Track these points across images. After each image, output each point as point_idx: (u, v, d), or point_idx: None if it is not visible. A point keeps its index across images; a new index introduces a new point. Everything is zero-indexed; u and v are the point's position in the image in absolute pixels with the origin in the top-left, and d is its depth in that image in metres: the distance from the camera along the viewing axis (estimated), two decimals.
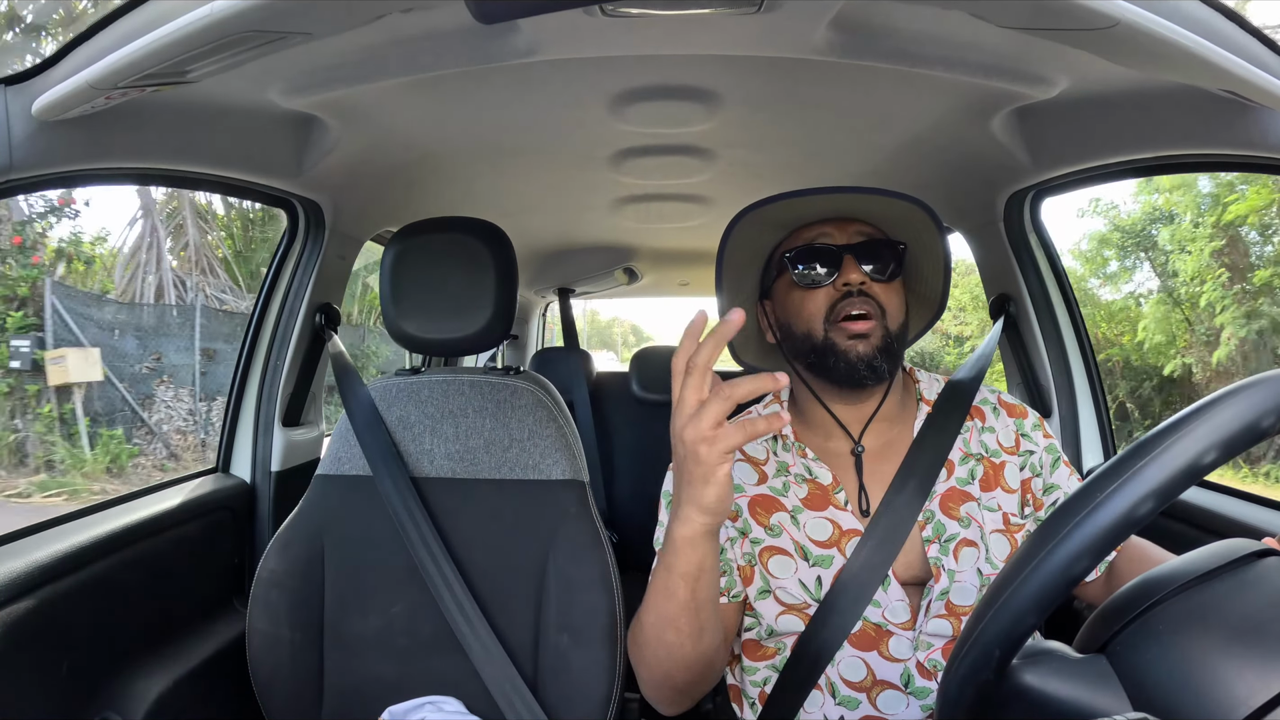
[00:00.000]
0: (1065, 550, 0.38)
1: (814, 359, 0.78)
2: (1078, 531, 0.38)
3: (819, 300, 0.77)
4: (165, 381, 7.24)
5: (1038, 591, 0.39)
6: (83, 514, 0.97)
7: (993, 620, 0.40)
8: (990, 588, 0.42)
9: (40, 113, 0.66)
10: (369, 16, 0.59)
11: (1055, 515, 0.40)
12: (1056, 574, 0.39)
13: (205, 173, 0.95)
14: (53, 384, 6.23)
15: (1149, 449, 0.38)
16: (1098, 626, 0.44)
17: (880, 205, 0.77)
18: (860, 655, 0.74)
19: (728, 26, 0.77)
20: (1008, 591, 0.40)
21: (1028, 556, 0.40)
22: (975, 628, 0.41)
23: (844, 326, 0.75)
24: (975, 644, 0.41)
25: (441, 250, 1.04)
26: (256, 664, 0.98)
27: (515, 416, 1.04)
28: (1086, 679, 0.41)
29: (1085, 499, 0.39)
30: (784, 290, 0.81)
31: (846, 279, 0.76)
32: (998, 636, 0.40)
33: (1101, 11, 0.51)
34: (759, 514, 0.80)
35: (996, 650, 0.40)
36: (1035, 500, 0.80)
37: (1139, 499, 0.37)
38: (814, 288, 0.77)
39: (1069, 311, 1.25)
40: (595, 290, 2.59)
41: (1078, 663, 0.42)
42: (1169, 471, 0.37)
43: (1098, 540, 0.38)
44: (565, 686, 0.93)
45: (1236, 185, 6.47)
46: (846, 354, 0.75)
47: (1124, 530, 0.37)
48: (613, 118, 1.05)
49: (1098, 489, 0.38)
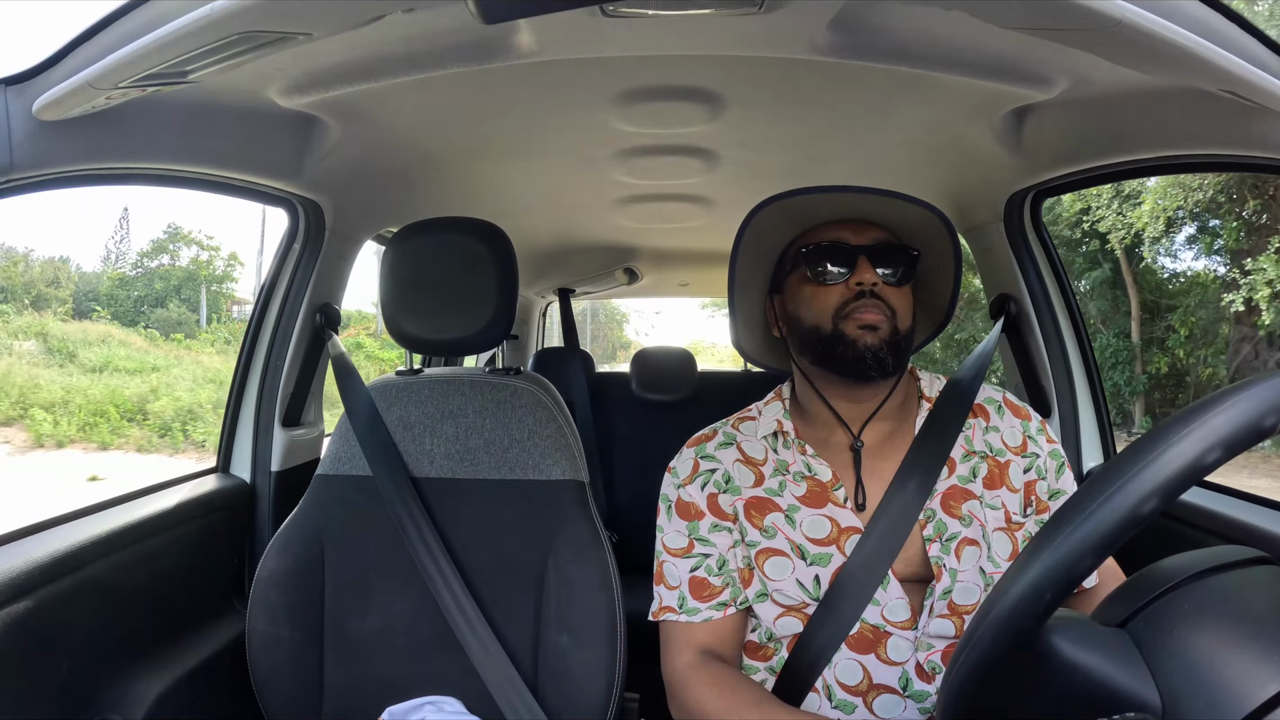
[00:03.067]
0: (1134, 488, 0.37)
1: (821, 350, 0.78)
2: (1146, 470, 0.37)
3: (831, 297, 0.77)
4: None
5: (1102, 530, 0.37)
6: (82, 514, 0.96)
7: (1048, 558, 0.39)
8: (1043, 530, 0.41)
9: (40, 113, 0.66)
10: (369, 16, 0.59)
11: (1121, 458, 0.39)
12: (1123, 512, 0.37)
13: (205, 173, 0.95)
14: None
15: (1219, 401, 0.37)
16: (1117, 603, 0.44)
17: (898, 211, 0.78)
18: (857, 658, 0.74)
19: (729, 27, 0.77)
20: (1066, 529, 0.39)
21: (1092, 495, 0.39)
22: (1024, 568, 0.40)
23: (855, 317, 0.76)
24: (1025, 584, 0.39)
25: (441, 250, 1.04)
26: (256, 664, 0.98)
27: (515, 416, 1.04)
28: (1111, 651, 0.41)
29: (1154, 443, 0.38)
30: (796, 285, 0.81)
31: (860, 279, 0.76)
32: (1051, 577, 0.38)
33: (1101, 11, 0.51)
34: (753, 516, 0.80)
35: (1048, 593, 0.39)
36: (1039, 503, 0.80)
37: (1207, 446, 0.36)
38: (828, 284, 0.78)
39: (1069, 311, 1.25)
40: (595, 290, 2.59)
41: (1105, 634, 0.42)
42: (1236, 424, 0.36)
43: (1166, 480, 0.36)
44: (565, 686, 0.93)
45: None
46: (855, 343, 0.75)
47: (1192, 475, 0.36)
48: (614, 118, 1.05)
49: (1167, 435, 0.37)
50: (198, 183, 0.98)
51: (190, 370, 11.64)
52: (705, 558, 0.81)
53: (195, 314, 16.58)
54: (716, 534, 0.81)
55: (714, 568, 0.80)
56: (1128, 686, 0.39)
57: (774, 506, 0.80)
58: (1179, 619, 0.40)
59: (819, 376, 0.81)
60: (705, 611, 0.80)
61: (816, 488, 0.80)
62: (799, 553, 0.77)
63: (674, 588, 0.82)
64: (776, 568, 0.77)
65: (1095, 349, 1.29)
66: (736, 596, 0.80)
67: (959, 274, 0.84)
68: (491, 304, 1.02)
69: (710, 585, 0.80)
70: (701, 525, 0.82)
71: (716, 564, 0.80)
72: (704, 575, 0.81)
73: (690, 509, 0.83)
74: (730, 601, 0.80)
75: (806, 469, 0.81)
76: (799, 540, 0.77)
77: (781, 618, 0.77)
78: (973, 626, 0.42)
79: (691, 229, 1.82)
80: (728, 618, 0.80)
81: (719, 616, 0.80)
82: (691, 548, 0.82)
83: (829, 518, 0.78)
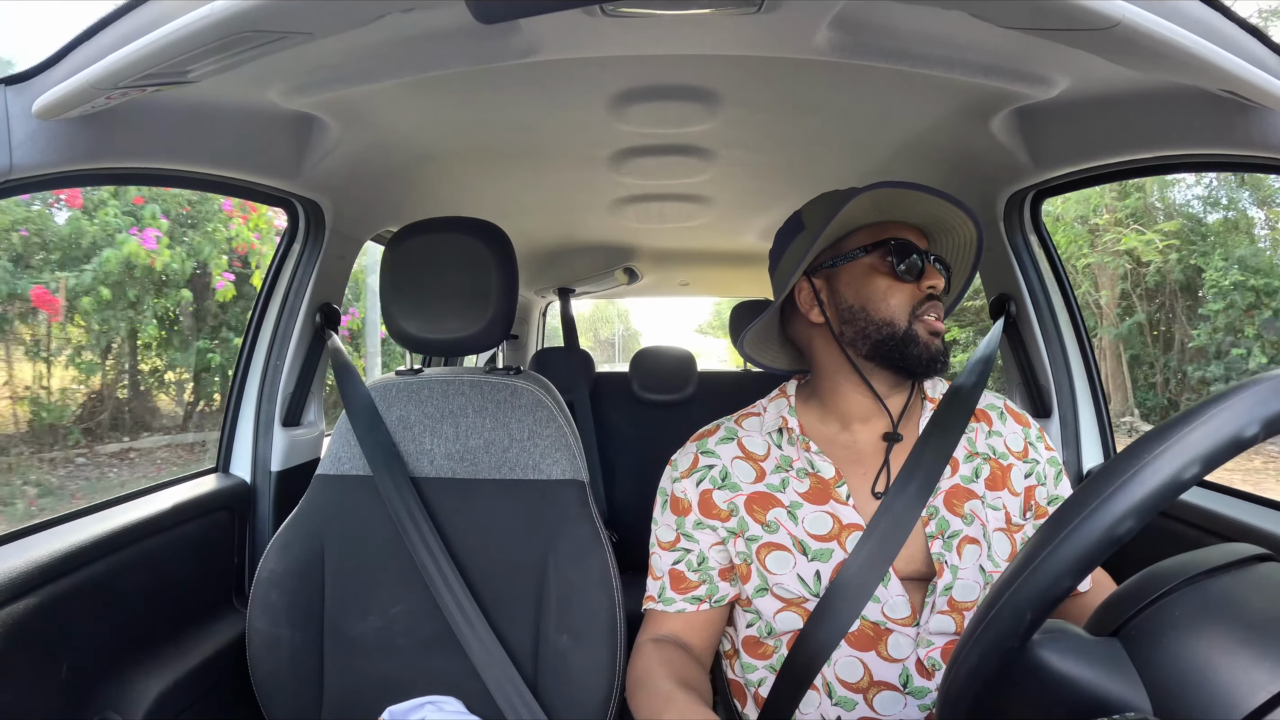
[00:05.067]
0: (1110, 509, 0.37)
1: (891, 345, 0.79)
2: (1124, 490, 0.37)
3: (907, 294, 0.80)
4: None
5: (1078, 551, 0.37)
6: (82, 514, 0.96)
7: (1027, 580, 0.39)
8: (1023, 550, 0.41)
9: (40, 113, 0.66)
10: (369, 16, 0.59)
11: (1098, 476, 0.39)
12: (1100, 532, 0.37)
13: (205, 173, 0.95)
14: None
15: (1196, 416, 0.37)
16: (1110, 611, 0.44)
17: (956, 224, 0.83)
18: (858, 655, 0.74)
19: (728, 26, 0.77)
20: (1045, 551, 0.39)
21: (1068, 516, 0.39)
22: (1006, 590, 0.40)
23: (927, 321, 0.80)
24: (1006, 605, 0.40)
25: (441, 250, 1.04)
26: (256, 664, 0.98)
27: (515, 416, 1.04)
28: (1102, 661, 0.41)
29: (1131, 460, 0.38)
30: (861, 274, 0.82)
31: (933, 283, 0.81)
32: (1031, 598, 0.39)
33: (1101, 12, 0.51)
34: (756, 511, 0.80)
35: (1029, 613, 0.39)
36: (1038, 508, 0.82)
37: (1185, 463, 0.36)
38: (904, 282, 0.80)
39: (1069, 311, 1.25)
40: (595, 290, 2.59)
41: (1094, 644, 0.42)
42: (1214, 439, 0.36)
43: (1144, 501, 0.36)
44: (565, 686, 0.93)
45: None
46: (929, 346, 0.79)
47: (1170, 492, 0.36)
48: (613, 118, 1.05)
49: (1143, 451, 0.37)
50: (198, 183, 0.98)
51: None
52: (686, 553, 0.83)
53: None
54: (700, 531, 0.82)
55: (693, 563, 0.82)
56: (1119, 696, 0.39)
57: (776, 502, 0.80)
58: (1169, 626, 0.40)
59: (871, 369, 0.82)
60: (680, 603, 0.82)
61: (819, 485, 0.80)
62: (800, 548, 0.77)
63: (658, 578, 0.85)
64: (777, 562, 0.77)
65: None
66: (713, 594, 0.82)
67: (970, 280, 0.90)
68: (491, 304, 1.02)
69: (687, 579, 0.83)
70: (687, 521, 0.83)
71: (696, 559, 0.82)
72: (683, 569, 0.83)
73: (681, 504, 0.84)
74: (705, 598, 0.82)
75: (810, 466, 0.81)
76: (801, 536, 0.78)
77: (781, 612, 0.77)
78: (960, 645, 0.43)
79: (691, 229, 1.82)
80: (701, 613, 0.82)
81: (692, 610, 0.82)
82: (677, 541, 0.84)
83: (831, 514, 0.78)
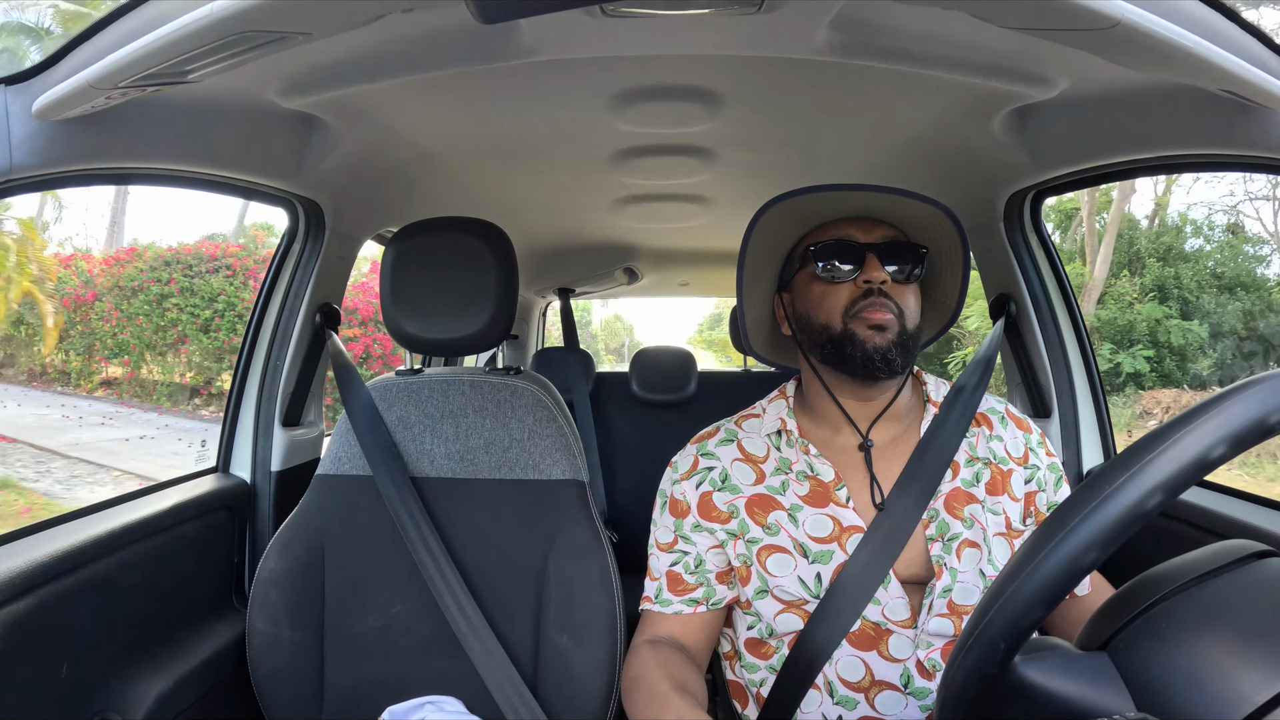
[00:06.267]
0: (1073, 541, 0.38)
1: (830, 349, 0.78)
2: (1085, 524, 0.38)
3: (840, 295, 0.78)
4: None
5: (1045, 583, 0.38)
6: (82, 513, 0.96)
7: (999, 613, 0.40)
8: (996, 581, 0.42)
9: (40, 112, 0.66)
10: (369, 16, 0.59)
11: (1062, 508, 0.40)
12: (1064, 565, 0.38)
13: (205, 173, 0.95)
14: None
15: (1156, 443, 0.37)
16: (1100, 624, 0.44)
17: (907, 209, 0.78)
18: (859, 655, 0.74)
19: (728, 26, 0.77)
20: (1014, 584, 0.39)
21: (1035, 549, 0.39)
22: (980, 620, 0.41)
23: (864, 317, 0.76)
24: (980, 637, 0.40)
25: (441, 250, 1.04)
26: (256, 664, 0.98)
27: (515, 416, 1.04)
28: (1089, 676, 0.41)
29: (1093, 491, 0.38)
30: (805, 283, 0.81)
31: (869, 276, 0.77)
32: (1003, 629, 0.40)
33: (1101, 11, 0.51)
34: (756, 514, 0.80)
35: (1001, 644, 0.40)
36: (1038, 514, 0.82)
37: (1147, 492, 0.37)
38: (837, 282, 0.78)
39: (1069, 311, 1.25)
40: (595, 290, 2.59)
41: (1080, 659, 0.42)
42: (1177, 465, 0.36)
43: (1106, 532, 0.37)
44: (565, 686, 0.93)
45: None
46: (864, 344, 0.76)
47: (1132, 523, 0.37)
48: (613, 118, 1.05)
49: (1105, 482, 0.38)
50: (198, 182, 0.98)
51: None
52: (684, 555, 0.83)
53: None
54: (698, 534, 0.82)
55: (690, 565, 0.82)
56: (1107, 711, 0.39)
57: (777, 504, 0.80)
58: (1155, 639, 0.40)
59: (829, 375, 0.82)
60: (676, 605, 0.82)
61: (819, 488, 0.80)
62: (801, 550, 0.77)
63: (655, 580, 0.85)
64: (778, 564, 0.77)
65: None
66: (710, 597, 0.82)
67: (967, 271, 0.84)
68: (491, 304, 1.02)
69: (684, 581, 0.82)
70: (685, 523, 0.83)
71: (694, 562, 0.82)
72: (680, 571, 0.83)
73: (680, 506, 0.84)
74: (702, 600, 0.82)
75: (809, 469, 0.81)
76: (801, 538, 0.78)
77: (782, 614, 0.77)
78: (946, 670, 0.43)
79: (691, 228, 1.82)
80: (697, 615, 0.82)
81: (689, 612, 0.82)
82: (675, 543, 0.84)
83: (831, 517, 0.78)
